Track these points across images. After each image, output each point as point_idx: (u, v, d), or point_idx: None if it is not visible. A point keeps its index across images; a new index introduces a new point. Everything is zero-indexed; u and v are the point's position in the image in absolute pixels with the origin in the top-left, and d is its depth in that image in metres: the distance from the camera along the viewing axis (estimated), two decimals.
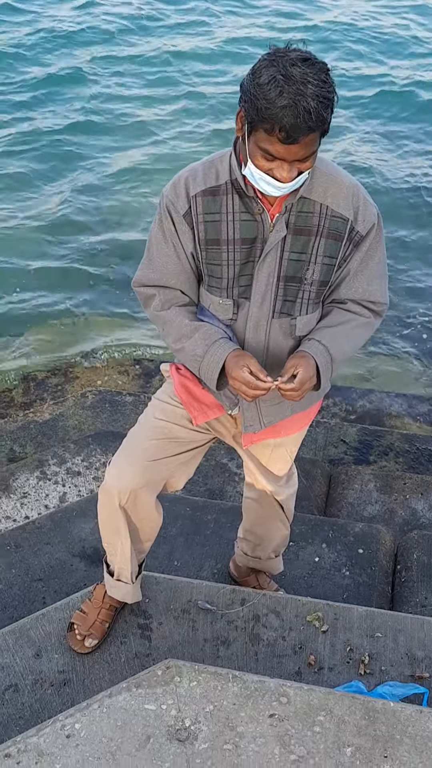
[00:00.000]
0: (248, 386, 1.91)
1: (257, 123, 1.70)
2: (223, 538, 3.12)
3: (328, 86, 1.68)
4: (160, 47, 9.69)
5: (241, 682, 2.09)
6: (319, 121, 1.67)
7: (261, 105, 1.66)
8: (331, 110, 1.70)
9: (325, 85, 1.66)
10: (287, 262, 1.97)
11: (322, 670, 2.47)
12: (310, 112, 1.64)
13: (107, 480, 2.22)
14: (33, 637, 2.53)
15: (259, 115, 1.68)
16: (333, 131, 1.97)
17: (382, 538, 3.18)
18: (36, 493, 3.54)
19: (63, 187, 7.36)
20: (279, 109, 1.64)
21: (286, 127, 1.65)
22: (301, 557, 3.09)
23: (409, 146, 8.14)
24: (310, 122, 1.65)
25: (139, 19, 10.38)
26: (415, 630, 2.56)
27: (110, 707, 2.04)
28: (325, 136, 1.78)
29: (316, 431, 4.21)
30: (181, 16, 10.51)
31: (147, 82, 9.05)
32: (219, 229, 1.95)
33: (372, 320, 2.11)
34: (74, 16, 10.38)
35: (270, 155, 1.73)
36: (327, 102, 1.67)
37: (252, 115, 1.71)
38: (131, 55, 9.57)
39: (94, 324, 5.77)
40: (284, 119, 1.64)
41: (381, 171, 7.56)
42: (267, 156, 1.74)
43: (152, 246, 2.05)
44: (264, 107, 1.66)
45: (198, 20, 10.46)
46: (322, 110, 1.66)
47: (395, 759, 1.93)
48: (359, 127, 8.38)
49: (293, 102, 1.63)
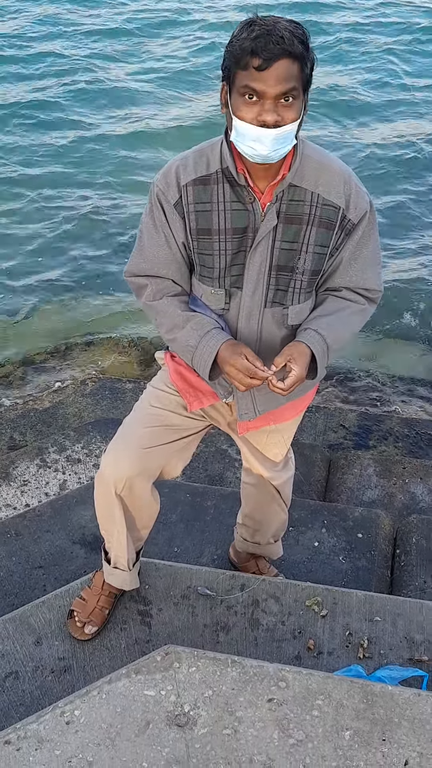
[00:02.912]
0: (246, 373, 1.90)
1: (234, 68, 1.73)
2: (223, 523, 3.13)
3: (301, 30, 1.73)
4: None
5: (240, 667, 2.10)
6: (293, 46, 1.68)
7: (235, 47, 1.71)
8: (306, 51, 1.72)
9: (297, 28, 1.72)
10: (279, 251, 1.95)
11: (322, 655, 2.48)
12: (283, 37, 1.67)
13: (103, 468, 2.23)
14: (33, 624, 2.54)
15: (234, 56, 1.71)
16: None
17: (381, 523, 3.19)
18: (36, 481, 3.54)
19: (61, 169, 7.35)
20: (251, 40, 1.68)
21: (259, 50, 1.67)
22: (301, 542, 3.09)
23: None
24: (282, 44, 1.67)
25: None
26: (414, 614, 2.57)
27: (110, 693, 2.05)
28: (309, 90, 1.79)
29: (315, 416, 4.21)
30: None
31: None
32: (210, 218, 1.93)
33: (367, 307, 2.10)
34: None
35: (250, 91, 1.72)
36: (300, 37, 1.71)
37: (230, 63, 1.74)
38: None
39: (94, 307, 5.77)
40: (257, 45, 1.67)
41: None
42: (248, 94, 1.72)
43: (143, 236, 2.04)
44: (238, 46, 1.70)
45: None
46: (295, 40, 1.69)
47: (393, 742, 1.94)
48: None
49: (265, 32, 1.68)
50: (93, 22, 10.53)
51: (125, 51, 9.82)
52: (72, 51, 9.67)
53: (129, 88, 8.90)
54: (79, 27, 10.37)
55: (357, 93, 8.87)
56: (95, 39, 10.07)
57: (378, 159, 7.56)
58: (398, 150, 7.73)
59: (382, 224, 6.37)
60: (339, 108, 8.52)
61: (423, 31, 10.45)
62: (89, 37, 10.14)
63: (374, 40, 10.21)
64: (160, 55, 9.71)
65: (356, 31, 10.42)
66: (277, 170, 1.87)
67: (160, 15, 10.82)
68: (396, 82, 9.18)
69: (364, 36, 10.32)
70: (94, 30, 10.28)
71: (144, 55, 9.75)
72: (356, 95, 8.82)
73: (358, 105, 8.65)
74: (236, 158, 1.87)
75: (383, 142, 7.86)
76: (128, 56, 9.68)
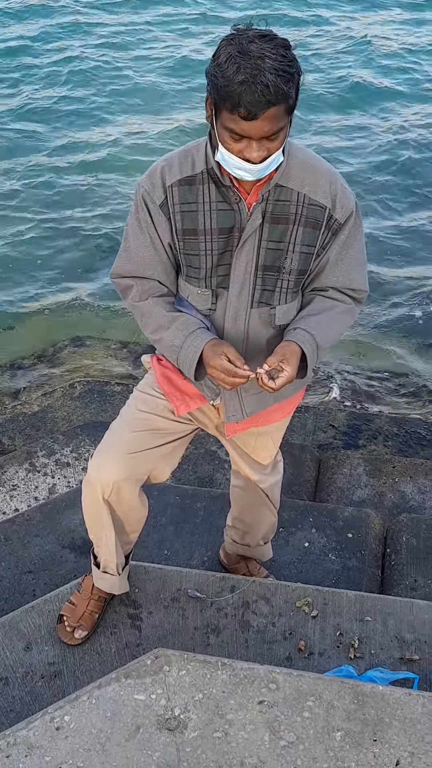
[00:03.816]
0: (227, 374, 1.90)
1: (220, 103, 1.70)
2: (213, 525, 3.12)
3: (288, 60, 1.66)
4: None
5: (230, 670, 2.09)
6: (279, 94, 1.65)
7: (220, 84, 1.65)
8: (293, 84, 1.68)
9: (284, 60, 1.65)
10: (265, 251, 1.95)
11: (313, 656, 2.47)
12: (269, 86, 1.62)
13: (90, 473, 2.22)
14: (23, 629, 2.53)
15: (219, 94, 1.67)
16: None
17: (371, 522, 3.19)
18: (25, 486, 3.53)
19: (49, 173, 7.33)
20: (237, 85, 1.63)
21: (246, 103, 1.64)
22: (291, 543, 3.09)
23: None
24: (269, 96, 1.63)
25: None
26: (404, 613, 2.57)
27: (99, 698, 2.04)
28: (293, 114, 1.76)
29: (305, 416, 4.21)
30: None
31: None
32: (196, 218, 1.93)
33: (353, 307, 2.10)
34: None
35: (236, 134, 1.71)
36: (286, 75, 1.65)
37: (215, 96, 1.70)
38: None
39: (80, 308, 5.76)
40: (243, 95, 1.63)
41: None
42: (234, 135, 1.72)
43: (129, 237, 2.03)
44: (223, 85, 1.65)
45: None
46: (281, 84, 1.64)
47: (384, 742, 1.94)
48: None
49: (250, 77, 1.62)
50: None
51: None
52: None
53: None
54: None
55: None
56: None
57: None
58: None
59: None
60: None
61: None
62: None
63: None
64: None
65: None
66: None
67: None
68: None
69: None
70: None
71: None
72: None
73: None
74: None
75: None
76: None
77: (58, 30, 10.22)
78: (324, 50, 9.83)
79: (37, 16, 10.60)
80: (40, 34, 10.10)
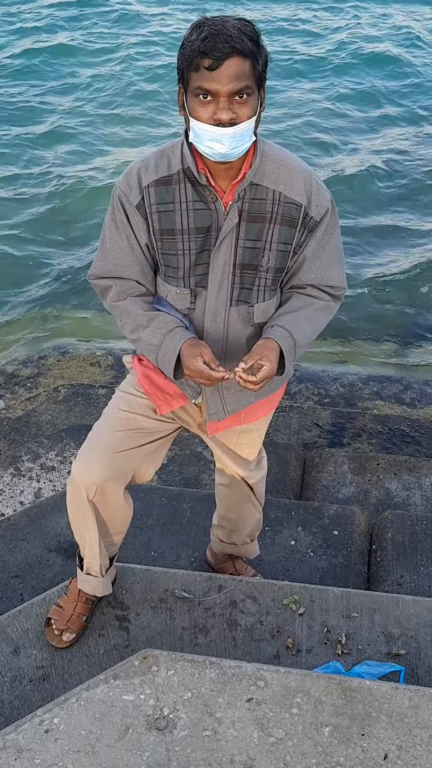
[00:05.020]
0: (201, 377, 1.91)
1: (187, 71, 1.74)
2: (200, 526, 3.13)
3: (251, 26, 1.74)
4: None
5: (218, 668, 2.10)
6: (242, 43, 1.69)
7: (186, 49, 1.73)
8: (258, 46, 1.74)
9: (247, 24, 1.74)
10: (242, 249, 1.96)
11: (300, 653, 2.49)
12: (231, 36, 1.68)
13: (73, 474, 2.22)
14: (10, 634, 2.53)
15: (185, 58, 1.73)
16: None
17: (356, 519, 3.21)
18: (10, 490, 3.52)
19: (28, 183, 7.31)
20: (200, 41, 1.69)
21: (209, 51, 1.68)
22: (277, 542, 3.10)
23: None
24: (231, 42, 1.68)
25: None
26: (390, 608, 2.59)
27: (88, 700, 2.04)
28: (264, 87, 1.80)
29: (289, 416, 4.22)
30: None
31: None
32: (173, 218, 1.94)
33: (331, 304, 2.12)
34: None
35: (203, 91, 1.73)
36: (250, 33, 1.72)
37: (183, 67, 1.75)
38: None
39: (64, 317, 5.75)
40: (207, 46, 1.69)
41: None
42: (202, 95, 1.74)
43: (106, 238, 2.04)
44: (188, 48, 1.72)
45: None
46: (244, 38, 1.70)
47: (372, 736, 1.95)
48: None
49: (213, 32, 1.69)
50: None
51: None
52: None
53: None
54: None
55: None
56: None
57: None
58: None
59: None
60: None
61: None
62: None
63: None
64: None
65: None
66: (238, 169, 1.88)
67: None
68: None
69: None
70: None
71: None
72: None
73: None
74: (197, 158, 1.88)
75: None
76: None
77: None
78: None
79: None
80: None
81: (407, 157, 7.69)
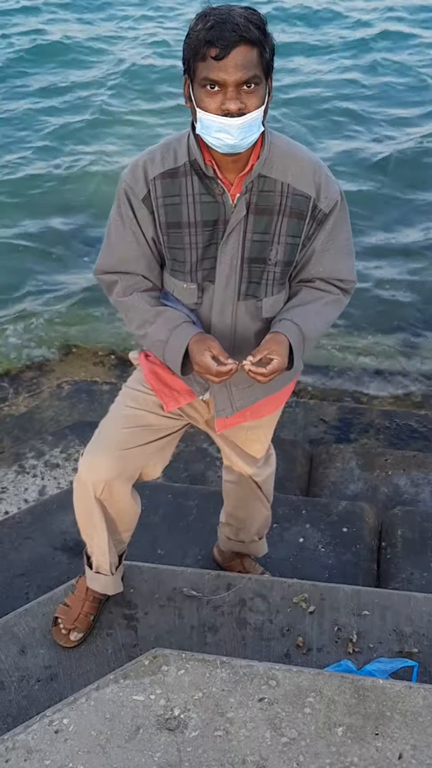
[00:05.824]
0: (209, 372, 1.87)
1: (193, 61, 1.71)
2: (207, 523, 3.10)
3: (257, 15, 1.72)
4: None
5: (229, 668, 2.07)
6: (249, 32, 1.67)
7: (192, 39, 1.69)
8: (264, 35, 1.71)
9: (254, 13, 1.71)
10: (250, 243, 1.92)
11: (311, 652, 2.46)
12: (238, 25, 1.66)
13: (81, 472, 2.19)
14: (17, 633, 2.50)
15: (192, 49, 1.70)
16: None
17: (365, 516, 3.17)
18: (15, 488, 3.49)
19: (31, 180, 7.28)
20: (206, 30, 1.66)
21: (216, 40, 1.65)
22: (286, 539, 3.07)
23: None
24: (238, 31, 1.65)
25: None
26: (402, 606, 2.56)
27: (98, 700, 2.01)
28: (271, 76, 1.77)
29: (295, 411, 4.19)
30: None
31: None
32: (180, 211, 1.90)
33: (341, 297, 2.08)
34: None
35: (211, 81, 1.69)
36: (257, 22, 1.69)
37: (189, 57, 1.72)
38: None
39: (67, 316, 5.71)
40: (213, 36, 1.66)
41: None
42: (209, 85, 1.70)
43: (111, 233, 2.00)
44: (194, 38, 1.69)
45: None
46: (251, 26, 1.67)
47: (386, 736, 1.92)
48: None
49: (219, 20, 1.66)
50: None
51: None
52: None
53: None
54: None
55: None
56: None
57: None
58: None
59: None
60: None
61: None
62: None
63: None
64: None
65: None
66: (245, 161, 1.84)
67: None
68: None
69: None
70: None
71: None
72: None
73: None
74: (204, 150, 1.84)
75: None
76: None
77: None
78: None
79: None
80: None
81: (421, 147, 7.66)
